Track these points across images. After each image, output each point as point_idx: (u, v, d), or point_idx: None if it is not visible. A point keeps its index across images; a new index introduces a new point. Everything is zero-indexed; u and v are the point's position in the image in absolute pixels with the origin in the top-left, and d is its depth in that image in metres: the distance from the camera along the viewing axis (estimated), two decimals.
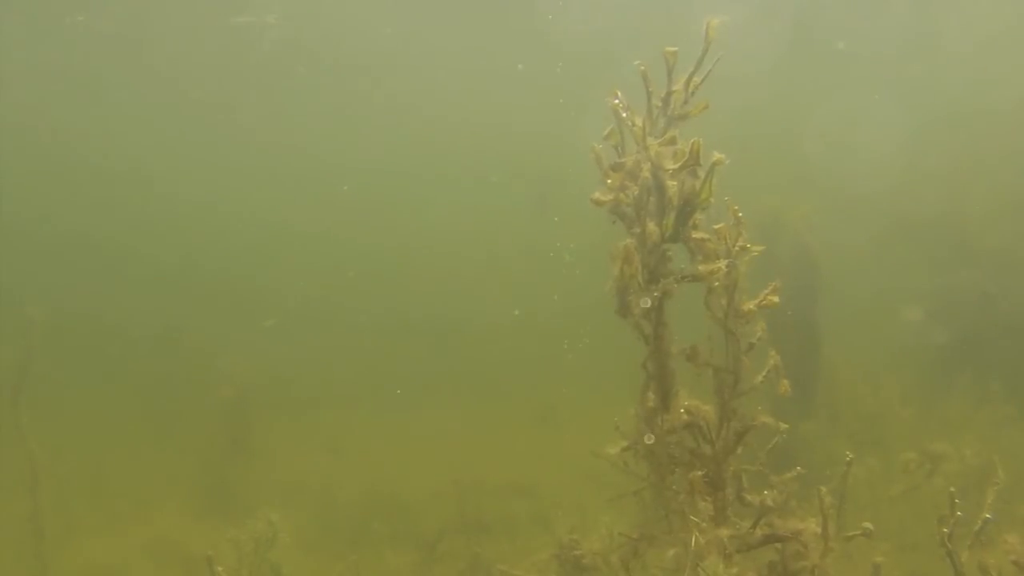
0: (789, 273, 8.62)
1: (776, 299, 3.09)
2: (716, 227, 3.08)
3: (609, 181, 3.04)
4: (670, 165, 2.97)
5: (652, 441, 3.16)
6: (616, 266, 3.02)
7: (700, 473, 3.12)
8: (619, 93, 3.00)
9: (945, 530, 3.27)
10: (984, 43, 19.08)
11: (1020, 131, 14.95)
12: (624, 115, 3.04)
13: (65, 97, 24.98)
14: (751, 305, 3.08)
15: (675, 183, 3.01)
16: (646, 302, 3.04)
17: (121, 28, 19.79)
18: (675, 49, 2.98)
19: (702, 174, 2.98)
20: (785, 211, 9.71)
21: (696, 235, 3.08)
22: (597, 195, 3.08)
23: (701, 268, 3.05)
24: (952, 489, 3.35)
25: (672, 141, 2.99)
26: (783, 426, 3.13)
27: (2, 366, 8.34)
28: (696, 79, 3.03)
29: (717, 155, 2.92)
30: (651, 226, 3.07)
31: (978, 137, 15.12)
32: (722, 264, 3.02)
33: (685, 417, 3.15)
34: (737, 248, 3.04)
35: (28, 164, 28.85)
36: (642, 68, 3.00)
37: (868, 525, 3.19)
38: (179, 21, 19.62)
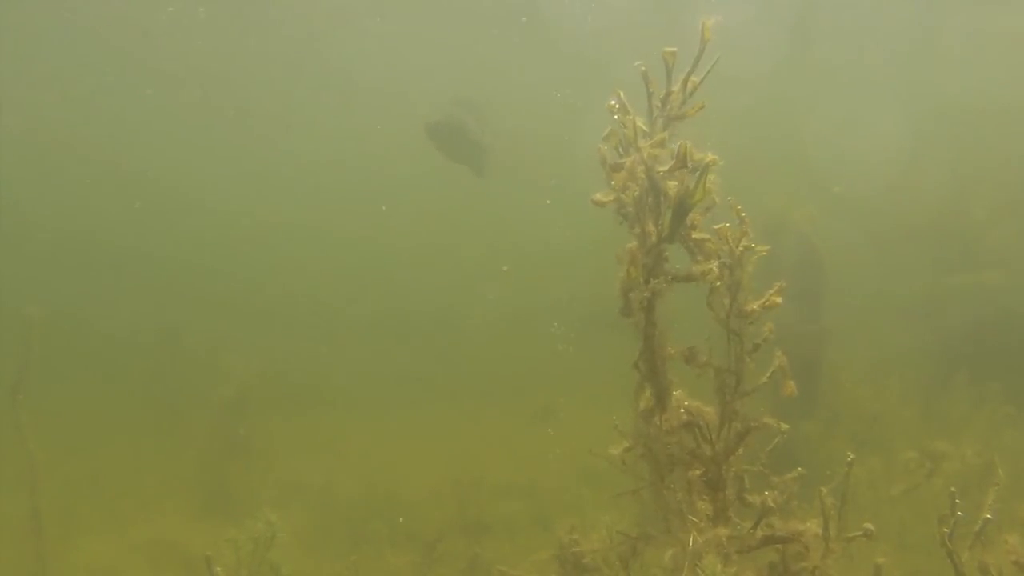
0: (792, 273, 8.62)
1: (779, 300, 3.09)
2: (717, 227, 3.08)
3: (613, 182, 3.05)
4: (663, 166, 2.98)
5: (648, 441, 3.16)
6: (623, 267, 3.03)
7: (698, 473, 3.13)
8: (621, 94, 3.00)
9: (946, 530, 3.26)
10: (986, 43, 19.08)
11: (1022, 132, 14.96)
12: (616, 117, 3.04)
13: (64, 97, 24.98)
14: (755, 306, 3.08)
15: (674, 183, 3.02)
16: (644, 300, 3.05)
17: (121, 28, 19.79)
18: (674, 50, 2.98)
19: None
20: (789, 211, 9.72)
21: (696, 235, 3.09)
22: (598, 196, 3.09)
23: (694, 268, 3.05)
24: (953, 489, 3.34)
25: (662, 142, 3.00)
26: (784, 426, 3.13)
27: (1, 365, 8.33)
28: (694, 79, 3.03)
29: (710, 155, 2.92)
30: (650, 226, 3.07)
31: (980, 138, 15.12)
32: (714, 265, 3.02)
33: (684, 417, 3.15)
34: (741, 248, 3.04)
35: (28, 164, 28.84)
36: (643, 68, 3.00)
37: (869, 526, 3.19)
38: (180, 21, 19.62)
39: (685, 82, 3.01)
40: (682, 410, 3.12)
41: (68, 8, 18.45)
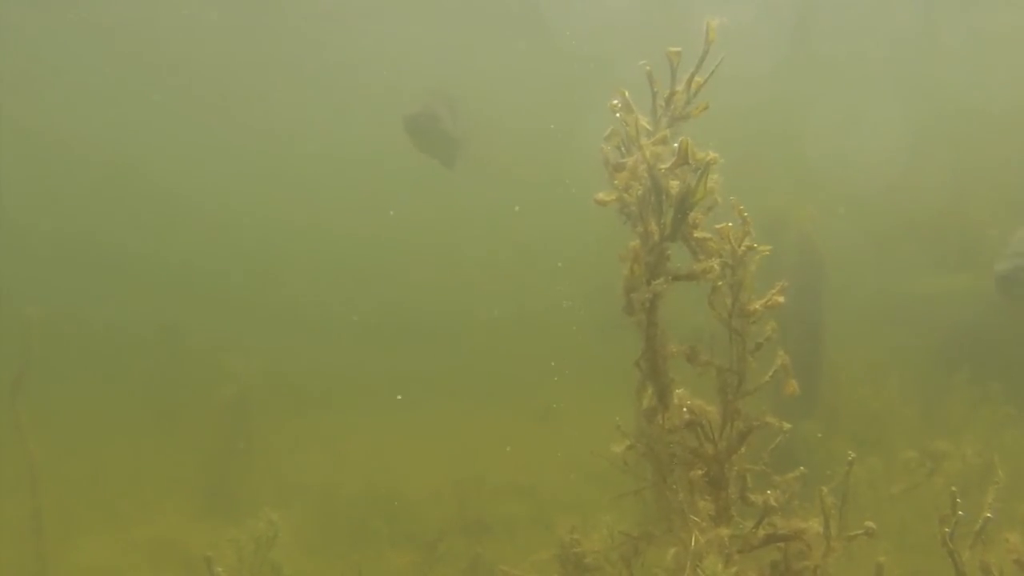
0: (793, 272, 8.63)
1: (781, 299, 3.09)
2: (718, 227, 3.09)
3: (616, 182, 3.05)
4: (664, 164, 2.98)
5: (650, 441, 3.16)
6: (627, 266, 3.04)
7: (700, 472, 3.13)
8: (626, 93, 3.00)
9: (946, 529, 3.27)
10: (986, 43, 19.10)
11: (1022, 132, 14.97)
12: (618, 116, 3.05)
13: (63, 96, 24.97)
14: (757, 305, 3.09)
15: (676, 182, 3.02)
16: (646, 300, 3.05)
17: (120, 25, 19.78)
18: (679, 49, 2.99)
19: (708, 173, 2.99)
20: (790, 211, 9.73)
21: (698, 234, 3.09)
22: (601, 195, 3.09)
23: (694, 267, 3.06)
24: (953, 488, 3.35)
25: (663, 141, 3.00)
26: (786, 426, 3.13)
27: (1, 365, 8.34)
28: (698, 79, 3.03)
29: (711, 154, 2.93)
30: (652, 225, 3.07)
31: (981, 137, 15.14)
32: (715, 263, 3.03)
33: (686, 416, 3.15)
34: (743, 248, 3.04)
35: (28, 164, 28.83)
36: (648, 68, 3.00)
37: (870, 524, 3.19)
38: (178, 19, 19.61)
39: (689, 82, 3.01)
40: (684, 409, 3.12)
41: (69, 8, 18.45)
